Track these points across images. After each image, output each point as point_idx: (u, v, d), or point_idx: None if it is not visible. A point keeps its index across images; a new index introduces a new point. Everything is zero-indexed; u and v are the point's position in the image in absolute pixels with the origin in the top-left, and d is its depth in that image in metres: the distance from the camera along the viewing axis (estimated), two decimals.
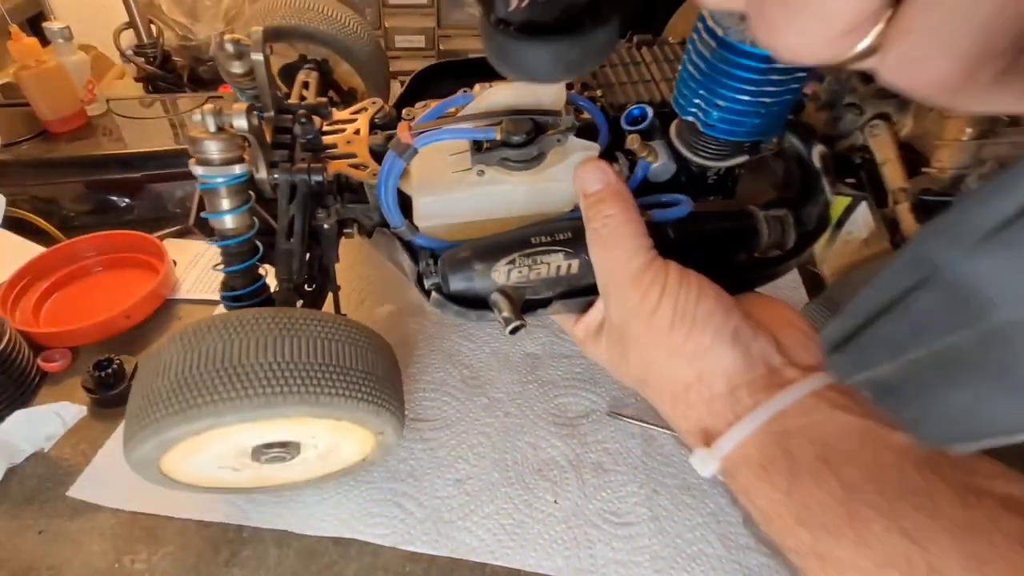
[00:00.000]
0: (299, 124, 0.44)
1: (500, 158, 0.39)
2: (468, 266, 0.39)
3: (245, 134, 0.39)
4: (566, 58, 0.25)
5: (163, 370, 0.33)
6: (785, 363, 0.32)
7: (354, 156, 0.44)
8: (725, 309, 0.32)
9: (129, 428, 0.34)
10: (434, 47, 1.03)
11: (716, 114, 0.38)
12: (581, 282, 0.40)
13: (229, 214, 0.40)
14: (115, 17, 0.96)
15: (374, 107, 0.48)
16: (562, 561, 0.41)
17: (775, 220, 0.41)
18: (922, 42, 0.13)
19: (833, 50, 0.14)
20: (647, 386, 0.36)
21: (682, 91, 0.40)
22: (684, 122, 0.41)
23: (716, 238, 0.42)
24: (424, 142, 0.38)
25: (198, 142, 0.37)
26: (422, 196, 0.40)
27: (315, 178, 0.43)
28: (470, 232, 0.41)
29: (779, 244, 0.42)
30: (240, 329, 0.34)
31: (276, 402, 0.32)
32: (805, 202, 0.43)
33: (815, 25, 0.13)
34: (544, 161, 0.40)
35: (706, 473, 0.32)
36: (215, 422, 0.32)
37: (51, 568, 0.40)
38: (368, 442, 0.40)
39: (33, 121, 0.70)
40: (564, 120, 0.39)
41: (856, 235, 0.44)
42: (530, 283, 0.39)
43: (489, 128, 0.38)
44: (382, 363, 0.38)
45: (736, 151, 0.41)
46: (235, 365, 0.32)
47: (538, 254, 0.39)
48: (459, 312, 0.40)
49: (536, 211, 0.42)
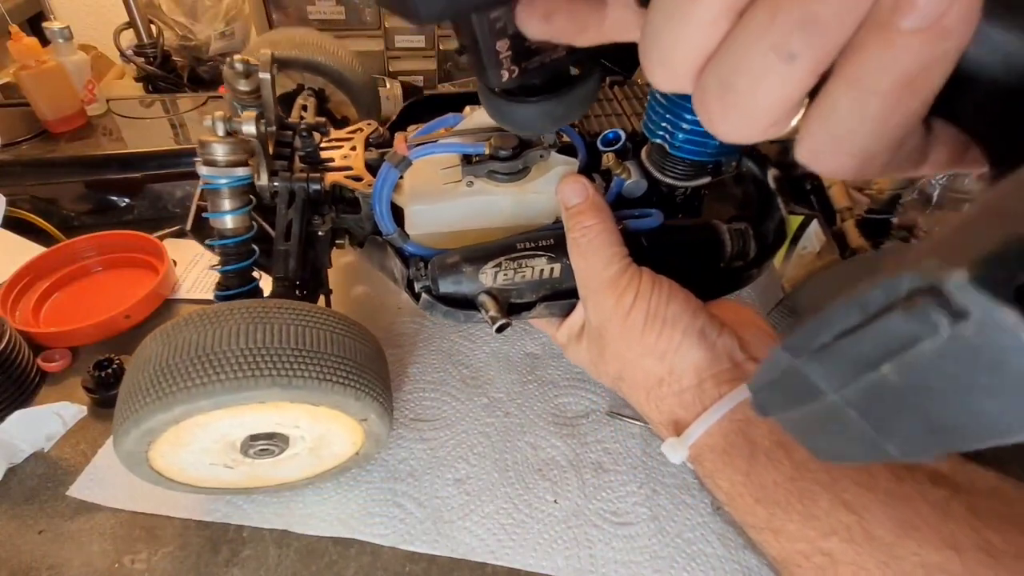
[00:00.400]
0: (300, 138, 0.47)
1: (488, 170, 0.43)
2: (457, 269, 0.42)
3: (251, 139, 0.41)
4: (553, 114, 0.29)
5: (143, 364, 0.34)
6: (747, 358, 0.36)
7: (350, 169, 0.47)
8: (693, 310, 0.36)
9: (115, 423, 0.35)
10: (434, 47, 1.03)
11: (681, 136, 0.43)
12: (562, 285, 0.43)
13: (230, 214, 0.41)
14: (115, 17, 0.96)
15: (369, 128, 0.51)
16: (562, 561, 0.41)
17: (737, 232, 0.46)
18: (823, 142, 0.16)
19: (762, 136, 0.17)
20: (623, 382, 0.39)
21: (651, 116, 0.45)
22: (654, 144, 0.46)
23: (685, 247, 0.46)
24: (418, 154, 0.41)
25: (206, 144, 0.39)
26: (414, 204, 0.43)
27: (313, 186, 0.45)
28: (458, 241, 0.44)
29: (742, 255, 0.46)
30: (215, 320, 0.35)
31: (248, 385, 0.32)
32: (763, 219, 0.48)
33: (744, 120, 0.17)
34: (528, 174, 0.43)
35: (676, 460, 0.36)
36: (190, 408, 0.32)
37: (51, 568, 0.40)
38: (356, 433, 0.40)
39: (33, 121, 0.70)
40: (546, 137, 0.43)
41: (810, 249, 0.50)
42: (515, 285, 0.43)
43: (479, 143, 0.42)
44: (362, 350, 0.38)
45: (701, 172, 0.46)
46: (208, 353, 0.33)
47: (523, 258, 0.43)
48: (447, 312, 0.43)
49: (520, 221, 0.45)
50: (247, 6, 1.01)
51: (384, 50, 1.02)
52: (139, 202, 0.70)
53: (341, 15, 0.98)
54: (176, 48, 1.00)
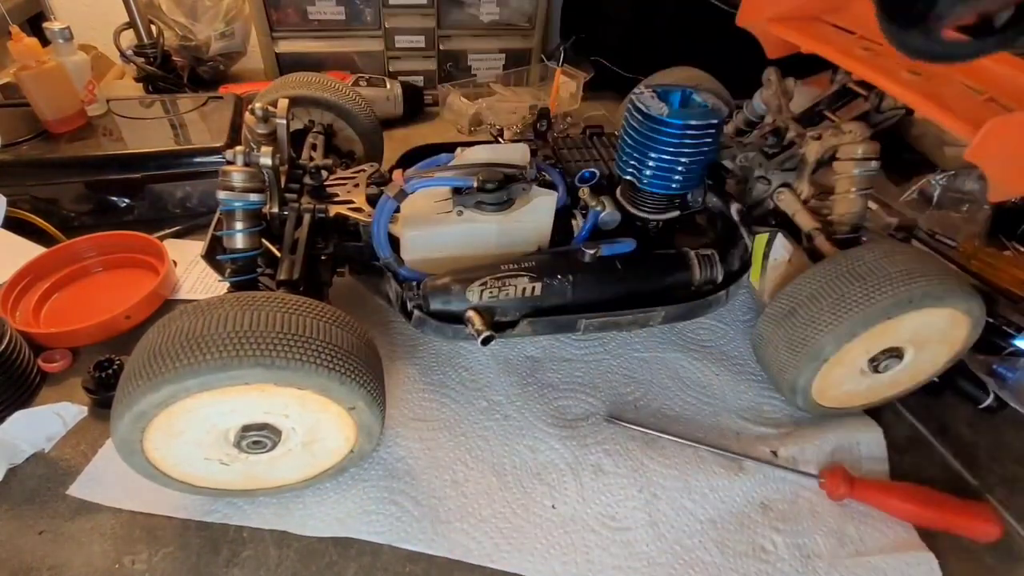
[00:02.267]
0: (309, 174, 0.54)
1: (476, 201, 0.48)
2: (446, 288, 0.47)
3: (267, 170, 0.47)
4: None
5: (139, 352, 0.36)
6: None
7: (353, 203, 0.53)
8: None
9: (112, 411, 0.36)
10: (434, 47, 1.03)
11: (648, 172, 0.50)
12: (543, 304, 0.48)
13: (240, 233, 0.46)
14: (115, 17, 0.96)
15: (371, 168, 0.58)
16: (559, 566, 0.41)
17: (704, 258, 0.52)
18: None
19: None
20: None
21: (621, 156, 0.52)
22: (625, 182, 0.53)
23: (656, 269, 0.51)
24: (415, 187, 0.46)
25: (227, 172, 0.45)
26: (410, 231, 0.48)
27: (319, 214, 0.51)
28: (449, 267, 0.48)
29: (711, 279, 0.52)
30: (207, 309, 0.36)
31: (232, 364, 0.33)
32: (728, 247, 0.54)
33: None
34: (513, 205, 0.48)
35: None
36: (177, 388, 0.33)
37: (51, 568, 0.40)
38: (347, 426, 0.40)
39: (33, 121, 0.70)
40: (528, 172, 0.48)
41: (780, 259, 0.55)
42: (499, 303, 0.48)
43: (468, 177, 0.46)
44: (350, 339, 0.39)
45: (670, 206, 0.53)
46: (196, 338, 0.34)
47: (507, 277, 0.47)
48: (437, 328, 0.48)
49: (506, 248, 0.50)
50: (247, 6, 1.01)
51: (384, 50, 1.02)
52: (139, 202, 0.70)
53: (341, 15, 0.99)
54: (176, 48, 1.00)
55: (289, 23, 0.98)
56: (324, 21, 0.99)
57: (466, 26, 1.03)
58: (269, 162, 0.46)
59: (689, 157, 0.48)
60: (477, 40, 1.05)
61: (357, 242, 0.53)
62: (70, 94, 0.71)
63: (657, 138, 0.48)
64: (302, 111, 0.67)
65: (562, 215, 0.52)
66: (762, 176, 0.57)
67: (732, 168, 0.58)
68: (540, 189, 0.49)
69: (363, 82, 0.96)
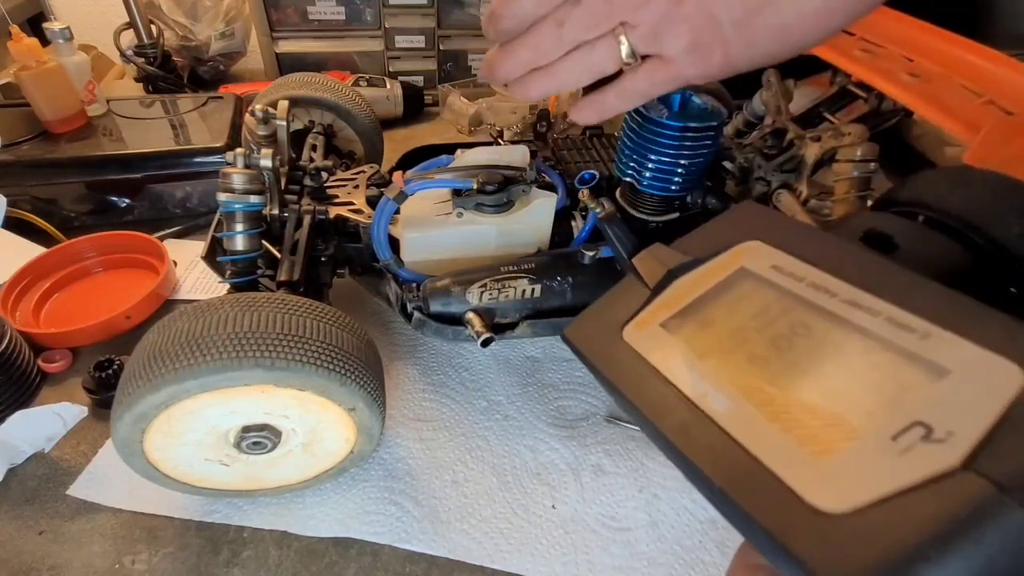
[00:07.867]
0: (309, 176, 0.54)
1: (476, 203, 0.48)
2: (446, 290, 0.47)
3: (267, 172, 0.47)
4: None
5: (138, 354, 0.36)
6: None
7: (353, 204, 0.53)
8: None
9: (112, 412, 0.36)
10: (434, 47, 1.03)
11: (648, 174, 0.49)
12: (543, 305, 0.48)
13: (240, 235, 0.46)
14: (115, 17, 0.96)
15: (371, 170, 0.58)
16: (560, 567, 0.41)
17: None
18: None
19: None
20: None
21: (621, 158, 0.51)
22: (625, 183, 0.52)
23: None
24: (414, 188, 0.46)
25: (228, 174, 0.44)
26: (409, 232, 0.48)
27: (319, 216, 0.51)
28: (448, 269, 0.48)
29: None
30: (207, 310, 0.36)
31: (232, 366, 0.33)
32: None
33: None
34: (512, 207, 0.48)
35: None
36: (177, 389, 0.33)
37: (51, 568, 0.40)
38: (348, 427, 0.40)
39: (33, 121, 0.70)
40: (528, 174, 0.48)
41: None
42: (499, 304, 0.47)
43: (468, 179, 0.46)
44: (350, 340, 0.39)
45: (669, 207, 0.52)
46: (196, 339, 0.34)
47: (506, 279, 0.47)
48: (437, 330, 0.48)
49: (505, 250, 0.50)
50: (247, 6, 1.01)
51: (384, 50, 1.02)
52: (139, 203, 0.70)
53: (341, 15, 0.99)
54: (176, 48, 1.00)
55: (289, 23, 0.99)
56: (324, 21, 0.99)
57: (466, 26, 1.03)
58: (269, 164, 0.47)
59: (689, 159, 0.48)
60: (477, 40, 1.05)
61: (357, 244, 0.53)
62: (70, 94, 0.71)
63: (657, 140, 0.48)
64: (302, 111, 0.67)
65: (562, 217, 0.52)
66: (761, 177, 0.57)
67: (732, 169, 0.58)
68: (540, 191, 0.49)
69: (363, 82, 0.96)
